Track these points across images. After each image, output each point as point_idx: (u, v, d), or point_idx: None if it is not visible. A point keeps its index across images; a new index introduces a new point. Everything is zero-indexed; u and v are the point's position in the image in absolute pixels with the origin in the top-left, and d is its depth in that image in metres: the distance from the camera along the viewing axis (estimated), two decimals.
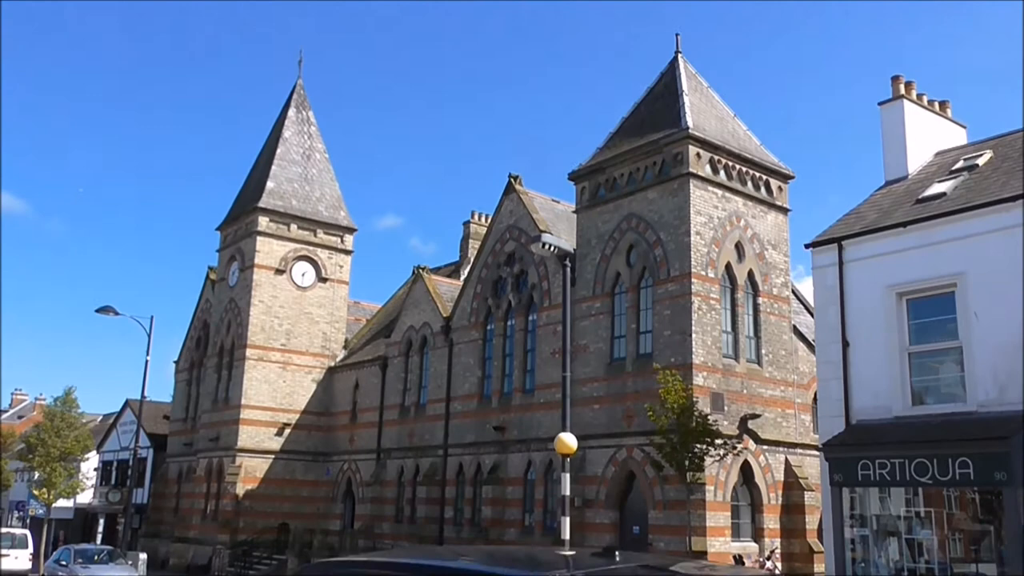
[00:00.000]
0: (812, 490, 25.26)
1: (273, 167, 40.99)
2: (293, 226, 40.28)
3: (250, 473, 37.42)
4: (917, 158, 19.97)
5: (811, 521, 25.25)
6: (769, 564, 22.08)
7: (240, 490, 36.94)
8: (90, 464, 53.72)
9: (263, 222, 39.56)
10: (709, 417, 21.48)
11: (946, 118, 21.14)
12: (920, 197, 17.71)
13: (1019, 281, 14.57)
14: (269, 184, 40.36)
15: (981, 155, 18.64)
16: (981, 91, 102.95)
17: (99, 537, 51.96)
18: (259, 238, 39.30)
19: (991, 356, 14.83)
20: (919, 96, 20.54)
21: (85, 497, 54.10)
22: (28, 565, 36.61)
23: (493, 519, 29.78)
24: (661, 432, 20.99)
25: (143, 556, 30.83)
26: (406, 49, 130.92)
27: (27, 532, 41.55)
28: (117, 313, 30.83)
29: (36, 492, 49.28)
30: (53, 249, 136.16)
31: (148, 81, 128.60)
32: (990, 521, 14.96)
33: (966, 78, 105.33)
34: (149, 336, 31.93)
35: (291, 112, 43.24)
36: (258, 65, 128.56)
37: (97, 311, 30.78)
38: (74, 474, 48.63)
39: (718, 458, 22.15)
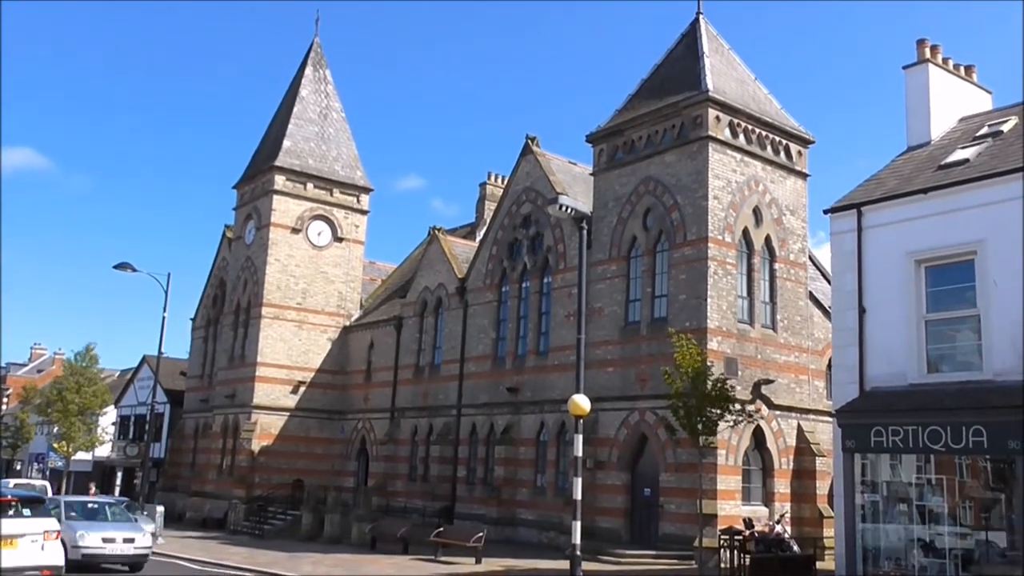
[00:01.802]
0: (823, 456, 25.36)
1: (290, 126, 40.92)
2: (309, 185, 40.28)
3: (265, 430, 37.85)
4: (941, 123, 19.69)
5: (822, 486, 25.37)
6: (778, 528, 22.18)
7: (255, 446, 37.39)
8: (108, 418, 54.52)
9: (279, 181, 39.58)
10: (727, 382, 21.44)
11: (972, 83, 20.79)
12: (942, 163, 17.50)
13: None
14: (286, 143, 40.32)
15: (1006, 121, 18.36)
16: (1009, 55, 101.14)
17: (117, 489, 52.87)
18: (275, 197, 39.35)
19: (1009, 325, 14.73)
20: (944, 60, 20.18)
21: (103, 451, 55.03)
22: None
23: (506, 479, 30.06)
24: (675, 396, 21.02)
25: (160, 509, 31.31)
26: (425, 10, 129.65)
27: (47, 484, 42.36)
28: (134, 270, 30.98)
29: (55, 445, 50.23)
30: (75, 206, 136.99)
31: (167, 39, 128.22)
32: (1001, 489, 14.98)
33: (995, 41, 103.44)
34: (166, 293, 32.12)
35: (308, 71, 43.02)
36: (276, 23, 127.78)
37: (115, 267, 30.91)
38: (93, 428, 49.50)
39: (732, 423, 22.19)
